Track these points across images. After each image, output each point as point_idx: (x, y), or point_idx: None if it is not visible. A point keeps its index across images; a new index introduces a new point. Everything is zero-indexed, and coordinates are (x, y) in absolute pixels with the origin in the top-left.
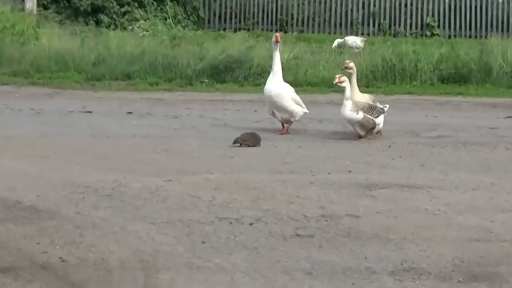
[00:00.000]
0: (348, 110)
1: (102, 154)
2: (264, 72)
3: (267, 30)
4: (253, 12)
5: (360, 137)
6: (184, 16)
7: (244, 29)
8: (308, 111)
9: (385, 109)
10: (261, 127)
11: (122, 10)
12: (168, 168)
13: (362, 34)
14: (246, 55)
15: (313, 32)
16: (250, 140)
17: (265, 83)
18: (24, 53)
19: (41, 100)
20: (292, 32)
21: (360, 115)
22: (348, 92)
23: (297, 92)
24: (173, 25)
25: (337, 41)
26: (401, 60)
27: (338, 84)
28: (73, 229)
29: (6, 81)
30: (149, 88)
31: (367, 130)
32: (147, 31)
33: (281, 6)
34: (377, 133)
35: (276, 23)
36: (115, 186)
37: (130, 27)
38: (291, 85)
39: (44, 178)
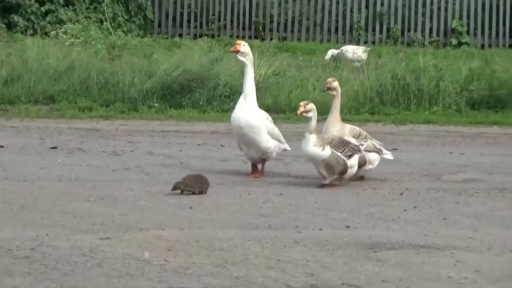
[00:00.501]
0: (311, 145)
1: (18, 203)
2: (233, 94)
3: (237, 36)
4: (219, 13)
5: (323, 184)
6: (126, 18)
7: (207, 35)
8: (289, 148)
9: (363, 147)
10: (229, 168)
11: (43, 9)
12: (106, 222)
13: (366, 42)
14: (210, 71)
15: (299, 39)
16: (194, 185)
17: (234, 109)
18: None
19: None
20: (271, 40)
21: (327, 151)
22: (313, 124)
23: (277, 121)
24: (111, 29)
25: (332, 52)
26: (417, 78)
27: (304, 114)
28: None
29: None
30: (79, 114)
31: (335, 173)
32: (77, 38)
33: (257, 4)
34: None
35: (250, 28)
36: (35, 246)
37: (54, 32)
38: (269, 112)
39: None
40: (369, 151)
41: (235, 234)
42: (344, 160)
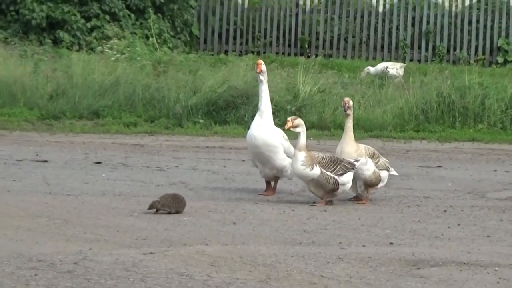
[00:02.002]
0: (300, 164)
1: (61, 217)
2: (279, 111)
3: (283, 54)
4: (265, 30)
5: (313, 203)
6: (172, 33)
7: (252, 52)
8: None
9: (357, 163)
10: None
11: (89, 25)
12: (149, 237)
13: (411, 60)
14: (255, 88)
15: (345, 57)
16: (171, 204)
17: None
18: None
19: None
20: (317, 57)
21: (316, 171)
22: (302, 141)
23: (322, 138)
24: (157, 45)
25: (367, 69)
26: (462, 96)
27: (292, 129)
28: None
29: None
30: (124, 130)
31: (326, 191)
32: (122, 53)
33: (303, 22)
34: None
35: (295, 45)
36: (78, 260)
37: (100, 48)
38: (314, 129)
39: None
40: (381, 169)
41: (279, 250)
42: (334, 178)
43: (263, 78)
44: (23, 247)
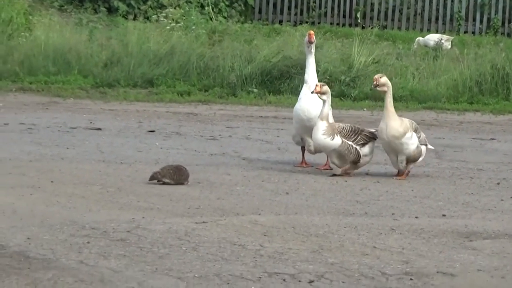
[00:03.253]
0: (321, 133)
1: (115, 185)
2: (333, 81)
3: (337, 24)
4: (320, 0)
5: (334, 174)
6: (227, 3)
7: (307, 22)
8: None
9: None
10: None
11: None
12: (202, 206)
13: (465, 32)
14: None
15: (399, 28)
16: (172, 176)
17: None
18: (11, 49)
19: (33, 111)
20: (372, 28)
21: (337, 141)
22: (326, 110)
23: (376, 109)
24: (212, 15)
25: (418, 40)
26: None
27: (318, 95)
28: (75, 283)
29: None
30: (178, 99)
31: (349, 162)
32: (177, 22)
33: None
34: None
35: (350, 16)
36: (131, 229)
37: (155, 16)
38: (368, 100)
39: (37, 215)
40: (422, 144)
41: (331, 220)
42: (356, 149)
43: (313, 49)
44: (76, 215)
